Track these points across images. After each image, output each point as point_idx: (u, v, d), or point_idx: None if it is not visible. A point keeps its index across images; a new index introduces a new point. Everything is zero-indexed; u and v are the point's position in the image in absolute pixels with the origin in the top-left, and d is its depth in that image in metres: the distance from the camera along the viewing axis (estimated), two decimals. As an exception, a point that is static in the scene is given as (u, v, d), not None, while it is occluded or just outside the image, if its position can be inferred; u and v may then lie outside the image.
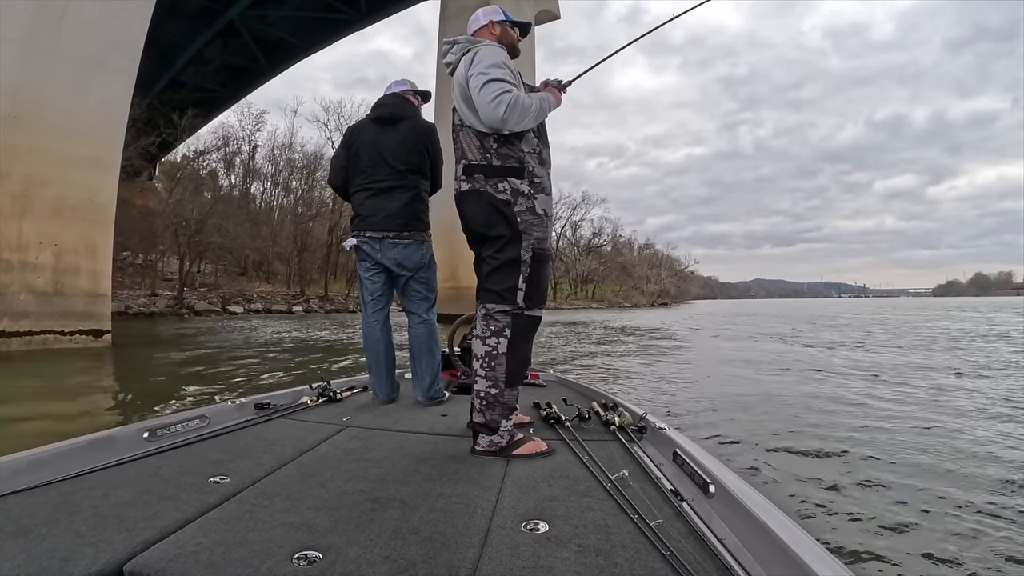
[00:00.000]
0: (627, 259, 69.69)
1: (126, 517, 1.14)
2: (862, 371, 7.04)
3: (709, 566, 0.99)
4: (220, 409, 2.12)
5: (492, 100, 1.63)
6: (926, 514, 2.38)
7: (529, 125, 1.73)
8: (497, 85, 1.64)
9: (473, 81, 1.68)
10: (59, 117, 8.57)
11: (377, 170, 2.45)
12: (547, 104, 1.79)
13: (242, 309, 25.80)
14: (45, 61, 8.46)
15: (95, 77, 9.00)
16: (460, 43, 1.88)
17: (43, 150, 8.42)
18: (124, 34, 9.43)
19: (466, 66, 1.75)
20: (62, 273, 8.68)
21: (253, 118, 37.26)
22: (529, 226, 1.74)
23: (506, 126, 1.68)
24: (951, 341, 11.57)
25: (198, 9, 23.66)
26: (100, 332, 9.11)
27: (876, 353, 9.33)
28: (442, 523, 1.16)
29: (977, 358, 8.34)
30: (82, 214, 8.92)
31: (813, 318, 24.44)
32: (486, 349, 1.74)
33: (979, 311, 32.76)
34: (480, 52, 1.75)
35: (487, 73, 1.67)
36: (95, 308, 9.09)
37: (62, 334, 8.66)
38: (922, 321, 20.59)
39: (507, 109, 1.62)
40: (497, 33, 1.95)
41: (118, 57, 9.36)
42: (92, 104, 8.96)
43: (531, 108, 1.69)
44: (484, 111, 1.66)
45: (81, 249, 8.89)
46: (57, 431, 3.11)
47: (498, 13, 1.97)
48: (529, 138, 1.78)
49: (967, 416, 4.30)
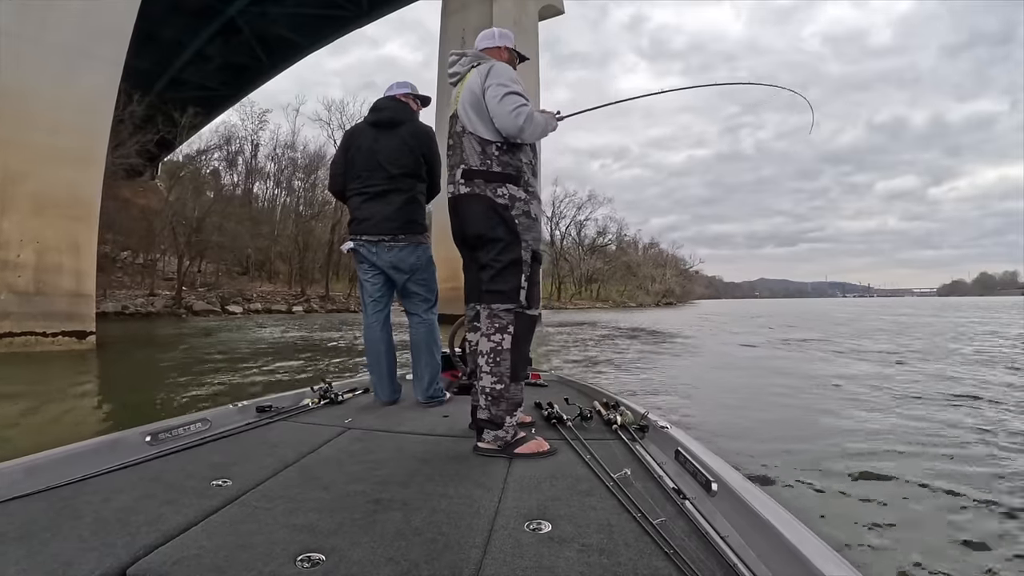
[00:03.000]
0: (632, 258, 69.01)
1: (129, 521, 1.14)
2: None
3: (712, 564, 0.97)
4: (222, 412, 2.13)
5: (513, 110, 1.77)
6: (933, 513, 2.38)
7: (538, 137, 1.90)
8: (516, 98, 1.79)
9: (493, 91, 1.81)
10: (41, 108, 8.17)
11: (373, 174, 2.47)
12: (550, 125, 1.96)
13: (241, 309, 25.46)
14: (29, 50, 8.08)
15: (80, 67, 8.61)
16: (469, 56, 2.00)
17: (23, 142, 8.03)
18: (111, 23, 9.03)
19: (481, 77, 1.86)
20: (44, 272, 8.30)
21: (256, 117, 37.06)
22: (526, 228, 1.84)
23: (522, 135, 1.82)
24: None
25: (199, 6, 23.42)
26: (84, 334, 8.72)
27: (968, 369, 7.34)
28: (445, 524, 1.16)
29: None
30: (65, 210, 8.53)
31: (834, 321, 22.75)
32: (491, 345, 1.79)
33: (1004, 311, 31.94)
34: (497, 66, 1.88)
35: (507, 86, 1.81)
36: (78, 309, 8.70)
37: (44, 335, 8.28)
38: (959, 323, 19.20)
39: (525, 120, 1.78)
40: (506, 58, 2.06)
41: (104, 47, 8.96)
42: (76, 95, 8.55)
43: (541, 124, 1.86)
44: (504, 120, 1.79)
45: (64, 247, 8.50)
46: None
47: (511, 40, 2.11)
48: (527, 151, 1.91)
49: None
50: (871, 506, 2.47)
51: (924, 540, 2.14)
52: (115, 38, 9.13)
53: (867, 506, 2.46)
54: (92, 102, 8.87)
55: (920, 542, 2.12)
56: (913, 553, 2.02)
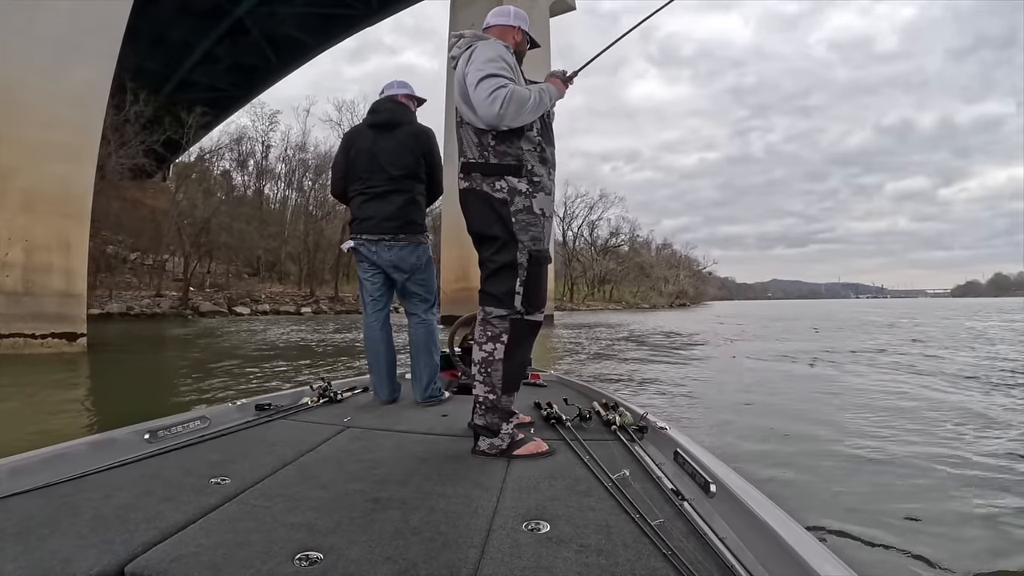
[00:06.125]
0: (645, 259, 68.14)
1: (127, 518, 1.14)
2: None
3: (710, 565, 0.97)
4: (221, 410, 2.13)
5: (488, 96, 1.60)
6: (934, 514, 2.31)
7: (528, 119, 1.68)
8: (492, 81, 1.61)
9: (470, 77, 1.67)
10: (31, 101, 7.87)
11: (374, 175, 2.48)
12: (547, 95, 1.73)
13: (249, 310, 25.30)
14: (17, 42, 7.80)
15: (71, 60, 8.30)
16: (466, 37, 1.85)
17: (12, 136, 7.74)
18: (104, 16, 8.74)
19: (464, 62, 1.74)
20: (33, 271, 7.99)
21: (266, 118, 37.08)
22: (525, 226, 1.70)
23: (503, 122, 1.64)
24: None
25: (207, 7, 23.34)
26: (74, 335, 8.40)
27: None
28: (443, 523, 1.15)
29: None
30: (56, 207, 8.22)
31: (876, 325, 19.43)
32: (483, 355, 1.74)
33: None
34: (480, 48, 1.73)
35: (483, 69, 1.64)
36: (69, 310, 8.38)
37: (33, 337, 7.97)
38: (1019, 327, 16.80)
39: (503, 104, 1.59)
40: (519, 39, 1.93)
41: (97, 40, 8.66)
42: (67, 89, 8.24)
43: (528, 100, 1.64)
44: (481, 109, 1.63)
45: (54, 245, 8.18)
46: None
47: (526, 21, 1.96)
48: (530, 136, 1.73)
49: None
50: (876, 504, 2.34)
51: (931, 540, 2.07)
52: (107, 32, 8.82)
53: (872, 504, 2.34)
54: (84, 97, 8.56)
55: (927, 542, 2.04)
56: (917, 555, 1.95)
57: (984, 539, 2.12)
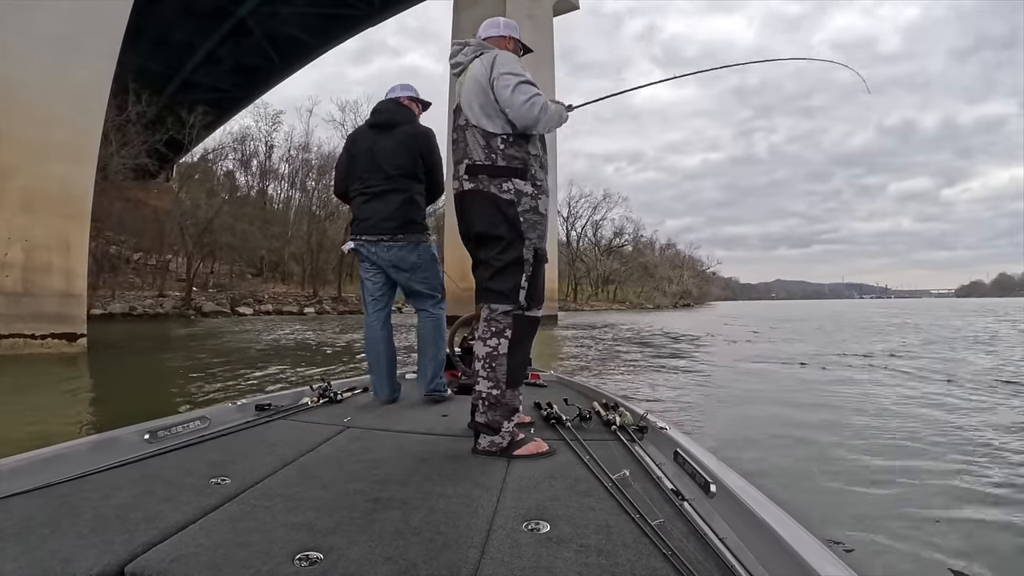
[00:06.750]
0: (649, 259, 67.89)
1: (127, 518, 1.14)
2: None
3: (711, 565, 0.97)
4: (221, 410, 2.13)
5: (528, 100, 1.70)
6: (935, 513, 2.31)
7: (554, 127, 1.84)
8: (529, 87, 1.72)
9: (503, 81, 1.73)
10: (31, 101, 7.83)
11: (372, 175, 2.50)
12: (563, 115, 1.89)
13: (251, 311, 25.29)
14: (16, 41, 7.75)
15: (71, 60, 8.25)
16: (472, 45, 1.91)
17: (12, 136, 7.69)
18: (104, 15, 8.70)
19: (486, 67, 1.78)
20: (33, 271, 7.95)
21: (270, 118, 37.06)
22: (531, 225, 1.77)
23: (537, 125, 1.75)
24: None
25: (209, 8, 23.36)
26: (74, 336, 8.37)
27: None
28: (443, 523, 1.15)
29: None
30: (56, 207, 8.18)
31: (882, 329, 17.74)
32: (487, 350, 1.76)
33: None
34: (502, 55, 1.80)
35: (519, 75, 1.72)
36: (68, 310, 8.34)
37: (32, 338, 7.93)
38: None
39: (541, 109, 1.71)
40: (511, 48, 1.99)
41: (97, 40, 8.61)
42: (67, 88, 8.19)
43: (556, 113, 1.80)
44: (518, 110, 1.71)
45: (54, 245, 8.14)
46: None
47: (516, 30, 2.03)
48: (535, 143, 1.82)
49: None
50: (876, 504, 2.33)
51: (932, 538, 2.08)
52: (107, 31, 8.78)
53: (872, 504, 2.33)
54: (84, 96, 8.52)
55: (928, 541, 2.05)
56: (918, 554, 1.96)
57: (990, 544, 2.08)
